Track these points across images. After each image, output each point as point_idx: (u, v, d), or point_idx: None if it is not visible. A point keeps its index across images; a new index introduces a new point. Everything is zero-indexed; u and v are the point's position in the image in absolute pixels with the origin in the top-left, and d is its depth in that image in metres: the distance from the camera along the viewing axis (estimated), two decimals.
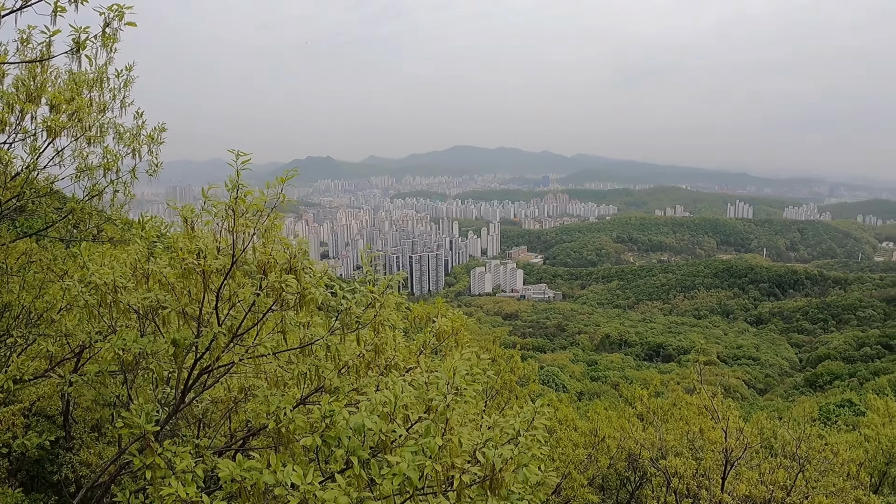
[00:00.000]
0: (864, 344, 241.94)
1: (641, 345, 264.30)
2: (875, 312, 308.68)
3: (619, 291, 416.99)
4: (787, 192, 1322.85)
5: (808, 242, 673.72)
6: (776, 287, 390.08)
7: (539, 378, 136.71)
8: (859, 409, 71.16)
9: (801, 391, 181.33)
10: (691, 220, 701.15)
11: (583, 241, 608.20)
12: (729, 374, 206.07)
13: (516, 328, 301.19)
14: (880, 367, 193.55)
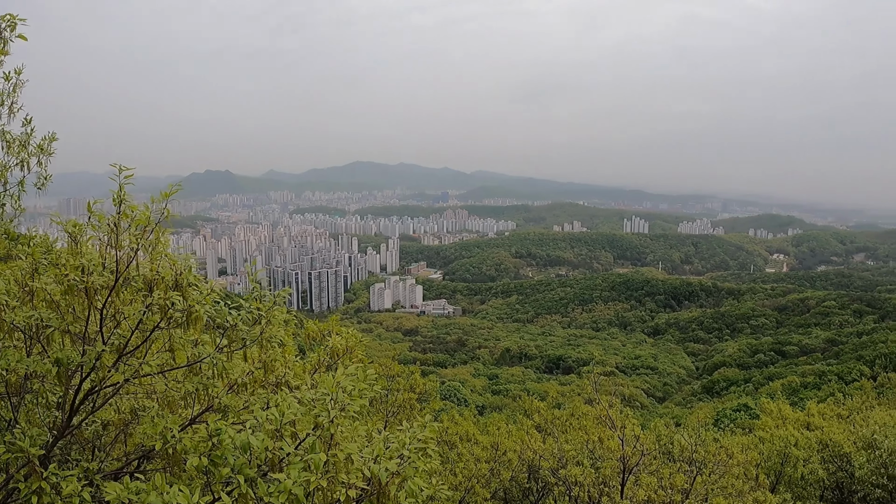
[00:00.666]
0: (758, 351, 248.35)
1: (541, 358, 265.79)
2: (767, 321, 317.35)
3: (519, 306, 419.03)
4: (682, 208, 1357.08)
5: (703, 255, 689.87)
6: (672, 299, 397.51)
7: (440, 393, 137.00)
8: (755, 412, 72.95)
9: (698, 398, 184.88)
10: (589, 235, 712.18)
11: (482, 256, 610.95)
12: (628, 384, 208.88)
13: (417, 344, 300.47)
14: (774, 372, 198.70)
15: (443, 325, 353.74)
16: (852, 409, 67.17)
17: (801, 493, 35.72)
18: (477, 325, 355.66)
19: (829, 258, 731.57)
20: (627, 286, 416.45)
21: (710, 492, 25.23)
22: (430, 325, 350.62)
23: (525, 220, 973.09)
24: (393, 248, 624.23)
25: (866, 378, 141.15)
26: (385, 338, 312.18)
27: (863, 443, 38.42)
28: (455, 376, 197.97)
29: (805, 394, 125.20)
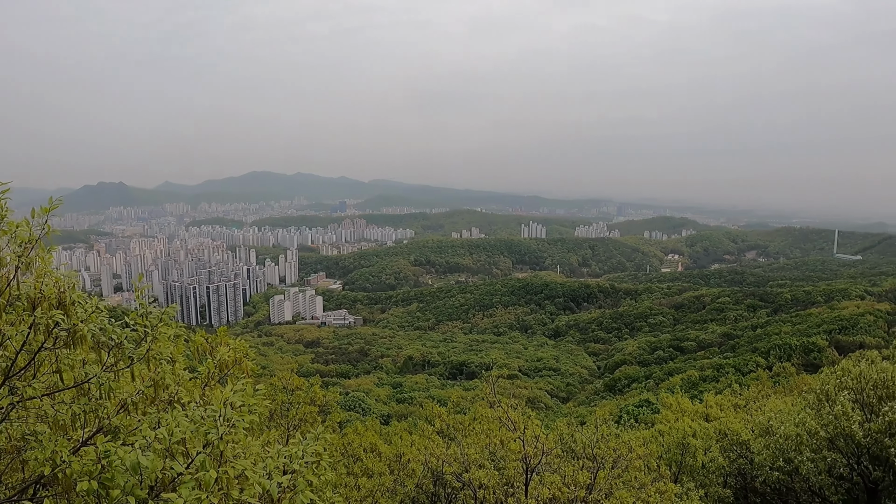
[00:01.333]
0: (657, 348, 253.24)
1: (444, 364, 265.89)
2: (665, 318, 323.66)
3: (420, 313, 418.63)
4: (578, 213, 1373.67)
5: (600, 258, 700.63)
6: (571, 301, 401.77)
7: (345, 405, 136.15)
8: (656, 407, 74.16)
9: (601, 396, 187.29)
10: (487, 242, 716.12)
11: (381, 265, 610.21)
12: (532, 386, 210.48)
13: (319, 355, 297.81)
14: (673, 367, 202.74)
15: (344, 335, 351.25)
16: (749, 398, 68.95)
17: (704, 481, 36.39)
18: (379, 334, 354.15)
19: (722, 256, 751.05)
20: (527, 290, 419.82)
21: (614, 486, 25.44)
22: (332, 336, 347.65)
23: (423, 227, 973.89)
24: (292, 260, 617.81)
25: (762, 369, 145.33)
26: (286, 350, 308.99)
27: (759, 430, 39.43)
28: (359, 387, 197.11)
29: (704, 387, 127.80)
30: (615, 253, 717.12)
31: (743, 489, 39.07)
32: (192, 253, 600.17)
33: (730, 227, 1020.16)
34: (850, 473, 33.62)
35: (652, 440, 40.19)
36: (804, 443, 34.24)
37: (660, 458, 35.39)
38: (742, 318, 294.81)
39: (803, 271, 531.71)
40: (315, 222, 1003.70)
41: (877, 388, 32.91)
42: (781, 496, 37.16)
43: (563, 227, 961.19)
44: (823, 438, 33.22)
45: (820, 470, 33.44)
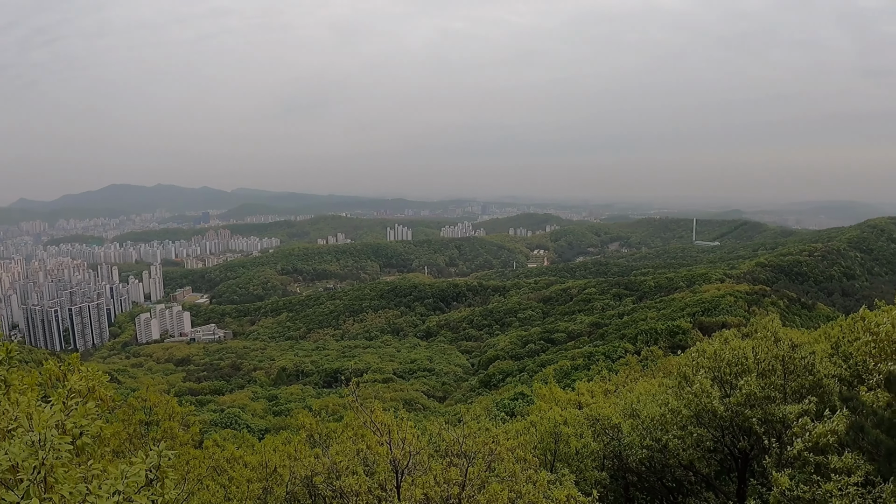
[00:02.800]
0: (529, 341, 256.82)
1: (318, 373, 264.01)
2: (534, 312, 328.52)
3: (290, 323, 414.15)
4: (443, 214, 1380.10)
5: (466, 257, 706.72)
6: (441, 301, 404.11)
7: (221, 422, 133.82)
8: (531, 399, 75.02)
9: (477, 392, 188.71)
10: (354, 247, 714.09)
11: (248, 276, 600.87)
12: (408, 388, 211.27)
13: (190, 373, 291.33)
14: (545, 359, 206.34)
15: (215, 350, 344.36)
16: (619, 383, 70.57)
17: (580, 467, 36.85)
18: (250, 346, 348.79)
19: (587, 249, 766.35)
20: (396, 293, 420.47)
21: (486, 480, 25.47)
22: (203, 352, 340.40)
23: (289, 235, 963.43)
24: (156, 275, 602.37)
25: (631, 354, 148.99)
26: (157, 370, 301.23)
27: (627, 412, 40.38)
28: (234, 402, 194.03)
29: (576, 375, 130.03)
30: (481, 251, 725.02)
31: (620, 469, 39.79)
32: (51, 274, 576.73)
33: (592, 221, 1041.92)
34: (717, 445, 34.70)
35: (525, 431, 40.56)
36: (669, 421, 35.28)
37: (534, 448, 35.79)
38: (609, 307, 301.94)
39: (665, 259, 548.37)
40: (178, 235, 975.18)
41: (731, 365, 34.04)
42: (656, 473, 38.06)
43: (429, 229, 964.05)
44: (687, 416, 34.19)
45: (687, 445, 34.48)
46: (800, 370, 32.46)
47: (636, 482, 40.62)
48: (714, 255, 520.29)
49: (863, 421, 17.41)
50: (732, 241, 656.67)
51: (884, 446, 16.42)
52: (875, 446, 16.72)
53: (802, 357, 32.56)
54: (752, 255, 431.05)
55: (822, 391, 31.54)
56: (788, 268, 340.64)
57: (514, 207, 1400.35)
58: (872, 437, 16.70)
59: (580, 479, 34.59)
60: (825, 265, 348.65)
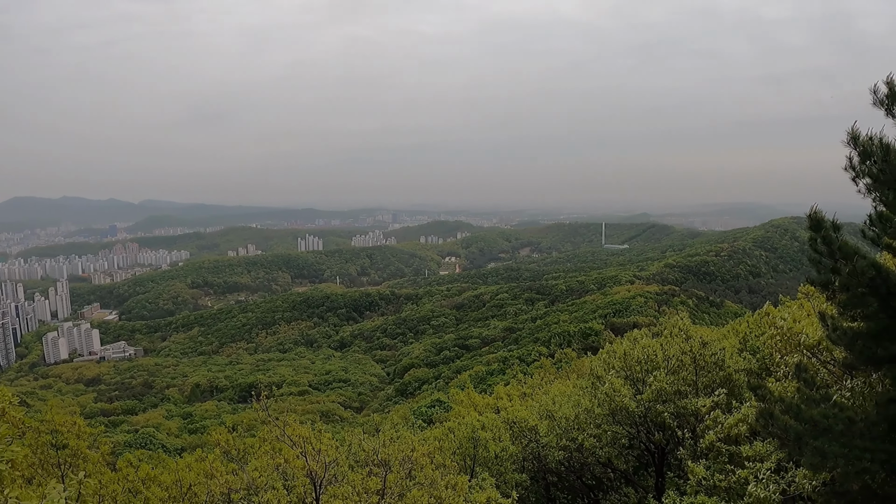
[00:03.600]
0: (443, 348, 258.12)
1: (233, 388, 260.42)
2: (447, 319, 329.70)
3: (202, 338, 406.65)
4: (354, 223, 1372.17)
5: (378, 266, 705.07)
6: (354, 311, 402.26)
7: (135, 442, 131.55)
8: (448, 405, 75.40)
9: (394, 401, 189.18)
10: (264, 258, 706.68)
11: (157, 290, 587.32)
12: (324, 400, 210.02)
13: (102, 393, 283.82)
14: (460, 365, 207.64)
15: (126, 369, 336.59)
16: (534, 385, 71.36)
17: (500, 470, 37.30)
18: (162, 363, 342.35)
19: (498, 255, 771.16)
20: (309, 304, 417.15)
21: (405, 487, 25.74)
22: (113, 371, 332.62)
23: (199, 248, 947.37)
24: (63, 292, 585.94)
25: (545, 357, 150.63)
26: (66, 392, 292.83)
27: (543, 414, 41.13)
28: (148, 421, 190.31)
29: (492, 380, 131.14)
30: (393, 260, 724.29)
31: (540, 470, 40.37)
32: None
33: (503, 227, 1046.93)
34: (633, 442, 35.64)
35: (444, 437, 40.92)
36: (584, 421, 36.16)
37: (453, 453, 36.20)
38: (522, 311, 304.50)
39: (576, 263, 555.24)
40: (85, 249, 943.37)
41: (641, 363, 35.12)
42: (575, 472, 38.83)
43: (340, 238, 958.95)
44: (602, 415, 35.08)
45: (604, 443, 35.32)
46: (710, 365, 33.52)
47: (556, 482, 41.34)
48: (624, 257, 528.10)
49: (772, 408, 18.13)
50: (641, 244, 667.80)
51: (793, 431, 17.14)
52: (785, 431, 17.43)
53: (712, 353, 33.62)
54: (660, 256, 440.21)
55: (733, 385, 32.66)
56: (696, 268, 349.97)
57: (426, 215, 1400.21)
58: (782, 423, 17.41)
59: (500, 482, 35.04)
60: (732, 264, 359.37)
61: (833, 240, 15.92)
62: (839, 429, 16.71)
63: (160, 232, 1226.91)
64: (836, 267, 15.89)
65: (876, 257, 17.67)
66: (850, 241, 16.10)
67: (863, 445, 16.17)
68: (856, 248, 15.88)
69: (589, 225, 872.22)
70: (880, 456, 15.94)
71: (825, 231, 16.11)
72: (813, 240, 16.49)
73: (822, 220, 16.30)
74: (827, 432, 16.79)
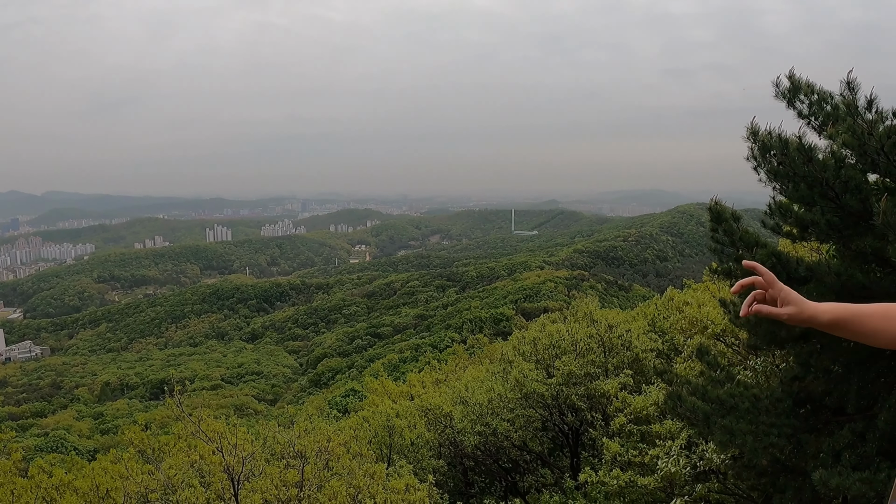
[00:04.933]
0: (355, 337, 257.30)
1: (144, 385, 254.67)
2: (359, 308, 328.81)
3: (110, 334, 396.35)
4: (263, 212, 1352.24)
5: (288, 256, 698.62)
6: (264, 302, 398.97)
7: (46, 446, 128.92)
8: (363, 394, 75.79)
9: (308, 392, 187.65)
10: (172, 250, 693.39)
11: (63, 286, 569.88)
12: (237, 394, 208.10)
13: (9, 396, 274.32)
14: (374, 353, 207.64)
15: (33, 369, 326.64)
16: (448, 372, 72.17)
17: (416, 456, 37.86)
18: (70, 362, 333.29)
19: (408, 243, 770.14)
20: (218, 296, 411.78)
21: (323, 478, 26.02)
22: (20, 373, 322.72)
23: (104, 240, 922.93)
24: None
25: (457, 343, 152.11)
26: None
27: (457, 400, 41.92)
28: (58, 424, 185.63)
29: (405, 367, 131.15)
30: (303, 249, 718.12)
31: (456, 456, 40.94)
32: None
33: (413, 215, 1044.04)
34: (546, 424, 36.57)
35: (359, 427, 41.28)
36: (497, 406, 36.94)
37: (369, 442, 36.64)
38: (433, 298, 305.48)
39: (486, 250, 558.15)
40: None
41: (549, 348, 36.06)
42: (491, 455, 39.45)
43: (249, 228, 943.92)
44: (514, 399, 35.88)
45: (517, 427, 36.10)
46: (618, 347, 34.56)
47: (473, 466, 41.96)
48: (533, 243, 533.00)
49: (679, 390, 18.87)
50: (551, 230, 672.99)
51: (700, 411, 17.84)
52: (693, 412, 18.14)
53: (619, 335, 34.67)
54: (569, 242, 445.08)
55: (641, 365, 33.74)
56: (605, 253, 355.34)
57: (335, 204, 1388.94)
58: (689, 405, 18.11)
59: (418, 469, 35.47)
60: (639, 249, 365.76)
61: (734, 230, 16.63)
62: (745, 406, 17.46)
63: (64, 224, 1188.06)
64: (739, 256, 16.61)
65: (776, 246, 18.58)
66: (751, 230, 16.86)
67: (769, 422, 16.92)
68: (756, 236, 16.62)
69: (498, 212, 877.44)
70: (786, 430, 16.69)
71: (726, 222, 16.86)
72: (714, 230, 17.22)
73: (722, 210, 17.01)
74: (733, 410, 17.55)
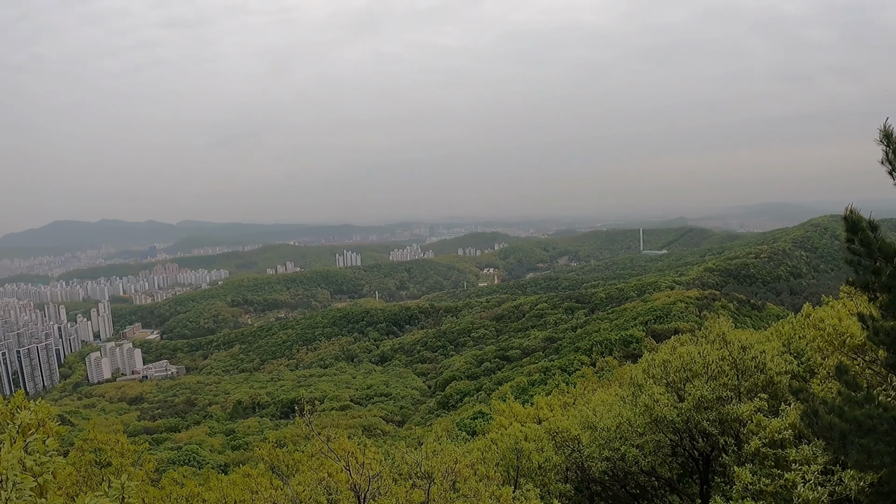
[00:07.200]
0: (484, 360, 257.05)
1: (275, 404, 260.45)
2: (487, 331, 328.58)
3: (243, 355, 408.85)
4: (391, 237, 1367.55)
5: (417, 280, 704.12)
6: (394, 325, 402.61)
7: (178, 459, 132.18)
8: (490, 416, 75.18)
9: (436, 414, 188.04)
10: (303, 275, 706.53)
11: (198, 309, 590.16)
12: (366, 414, 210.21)
13: (145, 412, 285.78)
14: (502, 376, 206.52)
15: (168, 387, 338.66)
16: (576, 395, 71.00)
17: (543, 480, 37.20)
18: (204, 381, 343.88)
19: (536, 265, 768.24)
20: (348, 319, 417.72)
21: (449, 498, 25.65)
22: (156, 390, 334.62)
23: (237, 266, 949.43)
24: (104, 313, 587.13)
25: (586, 366, 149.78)
26: (110, 410, 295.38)
27: (585, 424, 41.00)
28: (191, 439, 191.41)
29: (534, 391, 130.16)
30: (431, 273, 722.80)
31: (583, 480, 40.24)
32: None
33: (540, 237, 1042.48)
34: (676, 450, 35.41)
35: (487, 449, 40.85)
36: (626, 431, 35.99)
37: (496, 465, 36.15)
38: (562, 321, 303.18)
39: (614, 270, 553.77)
40: (126, 271, 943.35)
41: (680, 371, 34.83)
42: (619, 481, 38.66)
43: (378, 253, 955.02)
44: (644, 424, 34.86)
45: (646, 452, 35.09)
46: (751, 370, 33.25)
47: (600, 491, 41.20)
48: (662, 263, 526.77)
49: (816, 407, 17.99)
50: (679, 249, 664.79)
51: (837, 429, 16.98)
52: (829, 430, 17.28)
53: (753, 357, 33.35)
54: (699, 260, 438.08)
55: (775, 388, 32.34)
56: (736, 271, 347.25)
57: (462, 227, 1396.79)
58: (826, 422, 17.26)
59: (544, 493, 34.96)
60: (772, 266, 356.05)
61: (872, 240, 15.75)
62: (884, 428, 16.55)
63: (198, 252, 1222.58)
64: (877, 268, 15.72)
65: None
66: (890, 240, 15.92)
67: None
68: None
69: (626, 231, 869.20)
70: None
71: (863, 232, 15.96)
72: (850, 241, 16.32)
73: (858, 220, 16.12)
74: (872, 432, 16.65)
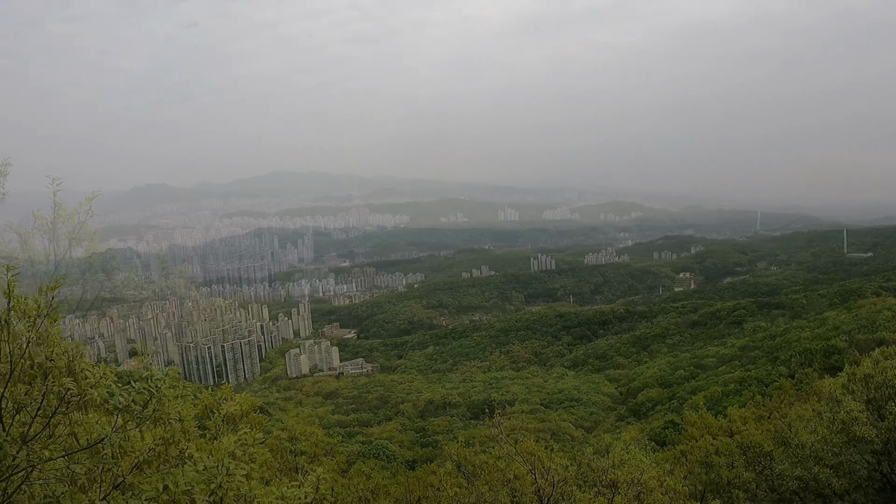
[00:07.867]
0: (678, 368, 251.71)
1: (465, 405, 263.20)
2: (682, 338, 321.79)
3: (437, 356, 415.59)
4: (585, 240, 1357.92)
5: (611, 284, 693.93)
6: (587, 329, 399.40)
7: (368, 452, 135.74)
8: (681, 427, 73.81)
9: (626, 422, 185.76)
10: (497, 279, 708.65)
11: (394, 311, 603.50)
12: (555, 419, 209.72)
13: (339, 406, 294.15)
14: (696, 385, 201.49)
15: (363, 384, 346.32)
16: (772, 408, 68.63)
17: (731, 497, 36.36)
18: (397, 380, 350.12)
19: (734, 269, 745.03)
20: (542, 323, 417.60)
21: None
22: (351, 386, 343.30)
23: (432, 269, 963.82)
24: (304, 313, 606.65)
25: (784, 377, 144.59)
26: (306, 403, 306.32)
27: (778, 440, 39.66)
28: (382, 434, 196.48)
29: (728, 402, 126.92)
30: (626, 277, 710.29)
31: (774, 501, 39.10)
32: (204, 313, 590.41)
33: (738, 240, 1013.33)
34: (872, 473, 33.78)
35: (675, 461, 40.26)
36: (820, 450, 34.54)
37: (685, 478, 35.53)
38: (760, 328, 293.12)
39: (815, 274, 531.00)
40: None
41: (882, 387, 33.04)
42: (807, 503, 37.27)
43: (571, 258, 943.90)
44: (838, 443, 33.42)
45: (841, 474, 33.61)
46: None
47: None
48: (868, 266, 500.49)
49: None
50: (887, 251, 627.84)
51: None
52: None
53: None
54: None
55: None
56: None
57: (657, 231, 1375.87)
58: None
59: None
60: None
61: None
62: None
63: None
64: None
65: None
66: None
67: None
68: None
69: (828, 233, 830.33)
70: None
71: None
72: None
73: None
74: None
